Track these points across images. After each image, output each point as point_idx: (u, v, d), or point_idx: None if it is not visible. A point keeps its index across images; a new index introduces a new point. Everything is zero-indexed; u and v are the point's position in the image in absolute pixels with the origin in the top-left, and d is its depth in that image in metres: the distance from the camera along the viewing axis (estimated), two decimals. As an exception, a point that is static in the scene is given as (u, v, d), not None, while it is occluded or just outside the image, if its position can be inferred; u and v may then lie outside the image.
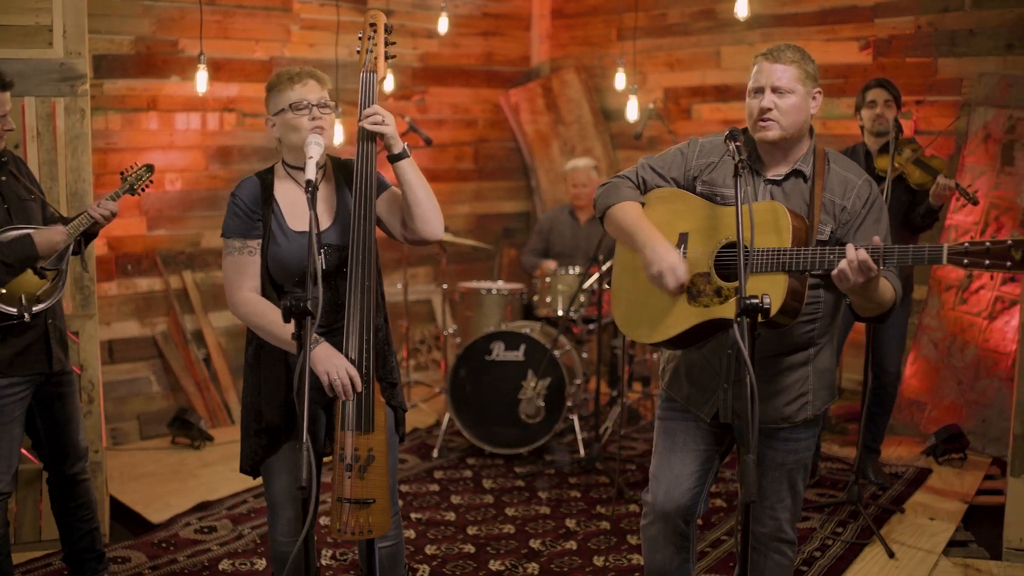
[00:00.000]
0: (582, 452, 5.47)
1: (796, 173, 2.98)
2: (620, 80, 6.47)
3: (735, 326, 2.59)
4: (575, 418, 5.59)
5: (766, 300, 2.58)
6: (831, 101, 6.34)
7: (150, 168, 3.83)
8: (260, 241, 3.00)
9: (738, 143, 2.85)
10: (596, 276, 5.52)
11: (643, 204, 3.11)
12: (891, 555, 4.28)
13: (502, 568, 4.16)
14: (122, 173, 3.81)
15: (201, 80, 5.13)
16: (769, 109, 2.92)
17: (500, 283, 6.08)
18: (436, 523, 4.62)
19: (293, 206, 3.04)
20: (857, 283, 2.70)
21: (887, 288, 2.85)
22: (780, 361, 3.02)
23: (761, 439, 3.09)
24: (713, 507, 4.85)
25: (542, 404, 5.39)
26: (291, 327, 2.80)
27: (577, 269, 5.79)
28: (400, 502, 4.00)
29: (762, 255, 2.82)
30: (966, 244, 2.59)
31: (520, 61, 7.92)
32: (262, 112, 6.46)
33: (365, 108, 2.98)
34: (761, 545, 3.20)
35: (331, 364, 2.84)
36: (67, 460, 3.74)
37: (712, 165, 3.06)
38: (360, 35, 3.08)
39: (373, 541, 2.98)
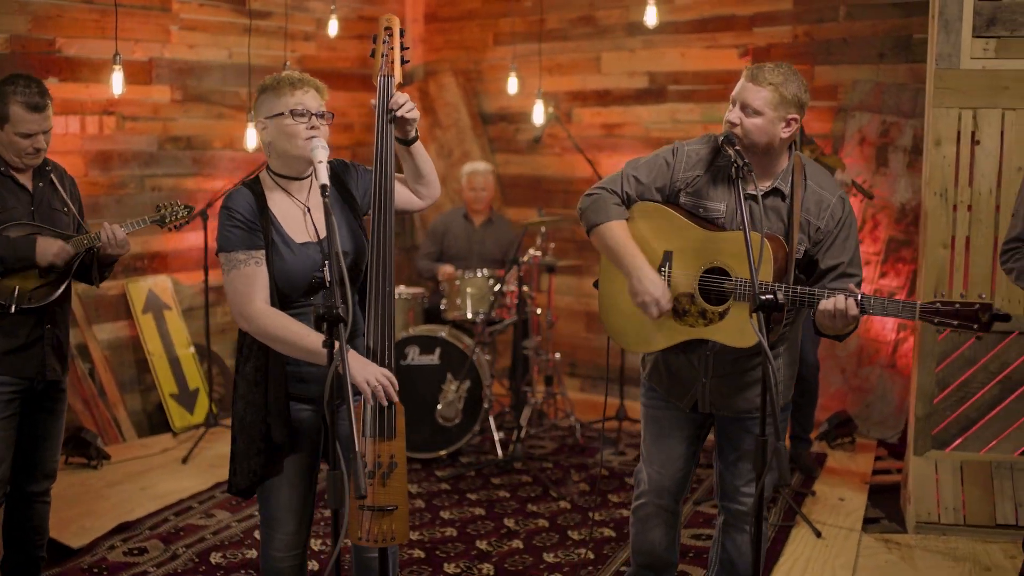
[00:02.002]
0: (500, 453, 5.52)
1: (775, 192, 3.12)
2: (512, 85, 6.56)
3: (751, 319, 2.74)
4: (491, 420, 5.64)
5: (779, 296, 2.72)
6: (712, 106, 6.63)
7: (189, 208, 3.75)
8: (264, 251, 2.90)
9: (737, 148, 2.99)
10: (508, 275, 5.59)
11: (628, 219, 3.22)
12: (818, 535, 4.54)
13: (458, 571, 4.16)
14: (158, 205, 3.73)
15: (117, 81, 4.89)
16: (734, 124, 3.06)
17: (402, 288, 6.06)
18: (375, 530, 4.57)
19: (287, 217, 2.96)
20: (836, 326, 2.91)
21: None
22: (755, 359, 3.19)
23: (739, 427, 3.28)
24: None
25: (461, 407, 5.41)
26: (316, 338, 2.80)
27: (486, 271, 5.83)
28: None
29: (749, 287, 2.97)
30: (937, 304, 2.80)
31: (395, 65, 7.88)
32: (142, 115, 6.29)
33: (383, 114, 2.95)
34: (738, 522, 3.38)
35: (368, 372, 2.78)
36: (34, 477, 3.57)
37: (698, 178, 3.17)
38: (375, 39, 3.03)
39: (387, 548, 2.94)
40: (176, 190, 6.42)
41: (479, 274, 5.81)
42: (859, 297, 2.86)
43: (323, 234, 2.97)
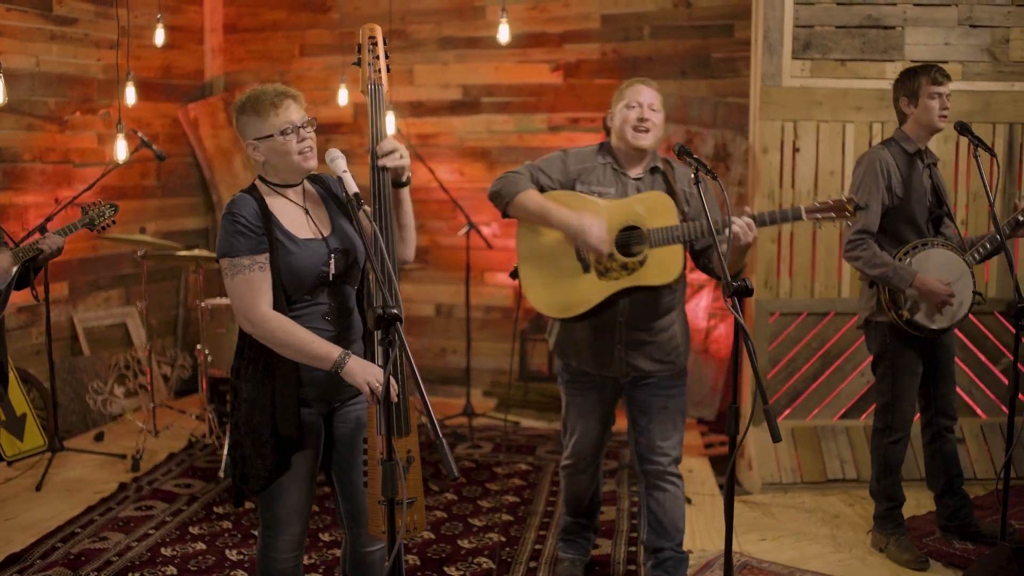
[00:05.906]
0: (368, 454, 5.65)
1: (653, 170, 3.80)
2: (343, 96, 6.69)
3: (728, 303, 3.16)
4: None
5: (750, 282, 3.18)
6: (527, 116, 7.06)
7: (114, 207, 3.64)
8: (267, 255, 2.98)
9: (695, 156, 3.43)
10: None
11: None
12: (688, 501, 5.06)
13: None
14: (83, 207, 3.59)
15: (-3, 91, 4.61)
16: (647, 119, 3.73)
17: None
18: (282, 537, 4.61)
19: (288, 217, 3.05)
20: (747, 241, 3.52)
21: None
22: (656, 323, 3.81)
23: (646, 390, 3.88)
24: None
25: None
26: (320, 343, 2.92)
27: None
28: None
29: (665, 232, 3.64)
30: (816, 203, 3.61)
31: (195, 75, 7.75)
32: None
33: (376, 121, 3.11)
34: (658, 480, 3.94)
35: (369, 374, 2.90)
36: None
37: (588, 169, 3.80)
38: (359, 48, 3.16)
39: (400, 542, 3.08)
40: (-13, 206, 6.06)
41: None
42: (755, 214, 3.57)
43: (326, 232, 3.09)
